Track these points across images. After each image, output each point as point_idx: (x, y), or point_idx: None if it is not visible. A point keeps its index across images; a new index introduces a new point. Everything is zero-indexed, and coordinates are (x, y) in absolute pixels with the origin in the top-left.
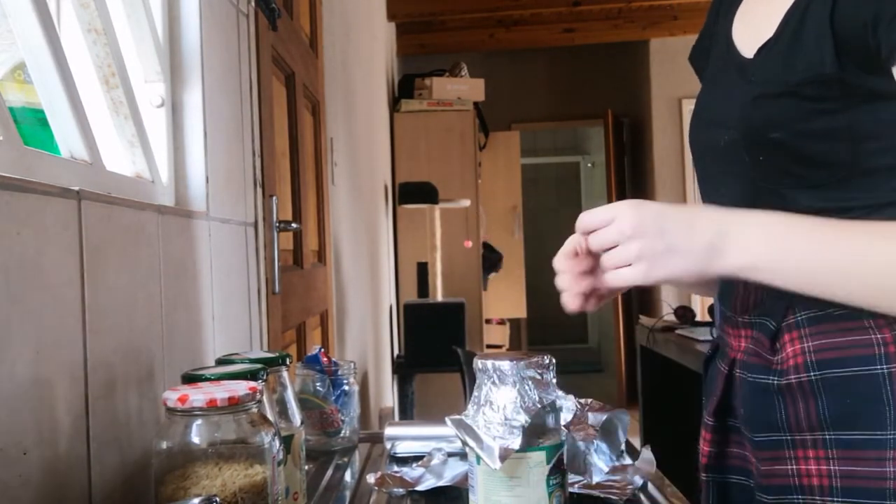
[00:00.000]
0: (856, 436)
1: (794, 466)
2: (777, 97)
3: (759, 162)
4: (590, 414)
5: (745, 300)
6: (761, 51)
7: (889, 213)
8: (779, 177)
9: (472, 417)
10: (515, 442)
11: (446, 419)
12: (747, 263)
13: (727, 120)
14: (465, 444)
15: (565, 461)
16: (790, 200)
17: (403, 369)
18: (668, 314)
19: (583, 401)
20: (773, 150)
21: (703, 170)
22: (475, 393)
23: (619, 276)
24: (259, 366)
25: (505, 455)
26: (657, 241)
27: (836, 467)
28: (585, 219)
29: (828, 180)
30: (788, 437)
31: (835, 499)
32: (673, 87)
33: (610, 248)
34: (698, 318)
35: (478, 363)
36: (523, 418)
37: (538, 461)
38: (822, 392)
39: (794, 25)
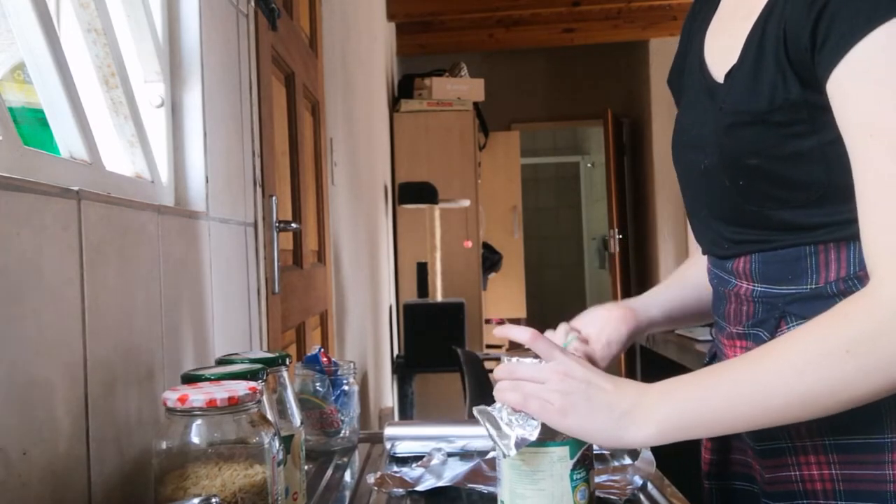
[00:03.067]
0: (854, 440)
1: (798, 472)
2: (748, 125)
3: (740, 186)
4: None
5: (738, 311)
6: (728, 77)
7: None
8: (760, 199)
9: (497, 409)
10: (533, 433)
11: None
12: (656, 431)
13: (704, 145)
14: (487, 432)
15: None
16: (773, 219)
17: (403, 369)
18: None
19: None
20: (752, 175)
21: (687, 187)
22: None
23: (533, 406)
24: (259, 366)
25: (520, 444)
26: (580, 396)
27: (838, 471)
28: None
29: (807, 199)
30: (790, 445)
31: (839, 502)
32: None
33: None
34: None
35: (504, 359)
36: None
37: (561, 456)
38: None
39: (754, 51)
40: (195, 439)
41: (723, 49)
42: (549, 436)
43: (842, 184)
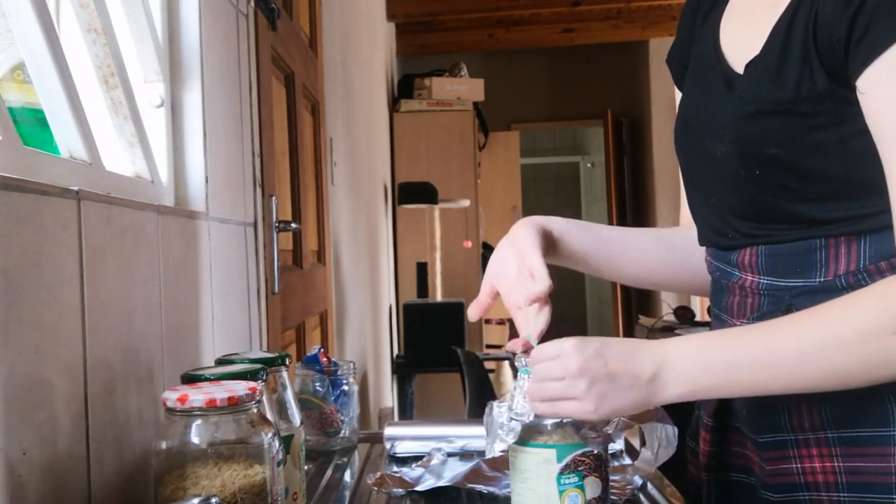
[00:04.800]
0: (859, 433)
1: (800, 465)
2: (771, 115)
3: (756, 176)
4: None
5: (742, 303)
6: (749, 67)
7: (880, 220)
8: (775, 190)
9: (501, 406)
10: (508, 437)
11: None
12: (687, 392)
13: (721, 134)
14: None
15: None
16: (786, 211)
17: (403, 369)
18: (667, 314)
19: None
20: (770, 165)
21: (694, 177)
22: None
23: (565, 409)
24: (258, 366)
25: (500, 445)
26: (603, 380)
27: (841, 464)
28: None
29: (823, 193)
30: (792, 438)
31: (841, 494)
32: (672, 87)
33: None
34: (698, 317)
35: (519, 359)
36: (527, 413)
37: (547, 458)
38: (824, 395)
39: (780, 42)
40: (195, 439)
41: (742, 39)
42: (530, 436)
43: (859, 179)
